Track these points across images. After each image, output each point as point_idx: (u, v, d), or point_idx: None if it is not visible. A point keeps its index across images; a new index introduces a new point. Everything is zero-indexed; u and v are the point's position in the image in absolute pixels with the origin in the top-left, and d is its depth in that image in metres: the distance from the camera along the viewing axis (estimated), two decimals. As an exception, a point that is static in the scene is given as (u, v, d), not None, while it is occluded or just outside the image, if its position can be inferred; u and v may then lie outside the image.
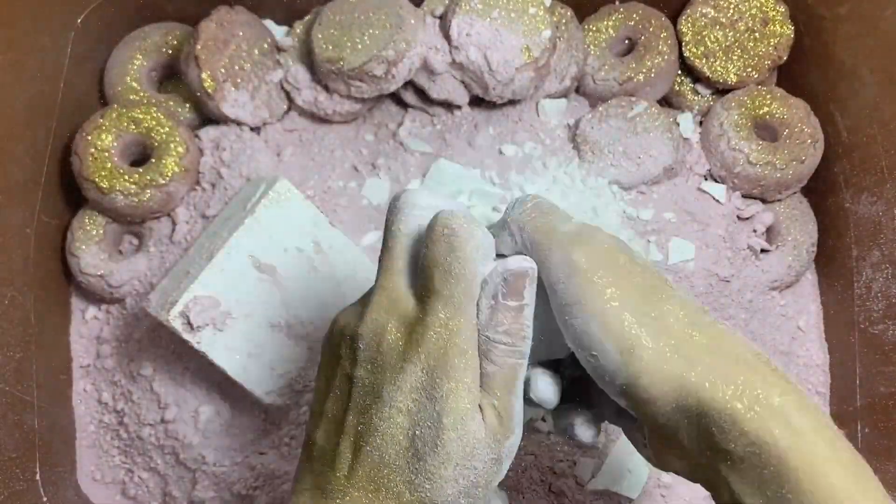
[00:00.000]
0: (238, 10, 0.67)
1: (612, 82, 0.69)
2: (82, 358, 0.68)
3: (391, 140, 0.69)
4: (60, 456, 0.64)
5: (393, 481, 0.38)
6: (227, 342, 0.59)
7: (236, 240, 0.58)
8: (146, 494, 0.66)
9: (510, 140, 0.67)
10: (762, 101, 0.68)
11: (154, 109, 0.65)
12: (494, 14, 0.63)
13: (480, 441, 0.38)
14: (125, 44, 0.70)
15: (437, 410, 0.37)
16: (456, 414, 0.37)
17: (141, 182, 0.64)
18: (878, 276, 0.64)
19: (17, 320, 0.61)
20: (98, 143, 0.64)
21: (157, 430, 0.64)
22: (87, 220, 0.66)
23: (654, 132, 0.66)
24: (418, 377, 0.38)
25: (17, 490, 0.58)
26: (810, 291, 0.71)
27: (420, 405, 0.38)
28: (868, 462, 0.36)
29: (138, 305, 0.66)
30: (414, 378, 0.38)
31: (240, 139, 0.66)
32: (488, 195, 0.65)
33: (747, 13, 0.70)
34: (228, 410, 0.64)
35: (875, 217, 0.65)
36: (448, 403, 0.37)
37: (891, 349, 0.63)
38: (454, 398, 0.37)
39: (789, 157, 0.67)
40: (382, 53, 0.63)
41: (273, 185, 0.60)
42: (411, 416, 0.38)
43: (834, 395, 0.69)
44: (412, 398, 0.38)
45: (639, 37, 0.70)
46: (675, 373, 0.37)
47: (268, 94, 0.68)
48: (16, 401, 0.60)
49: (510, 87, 0.65)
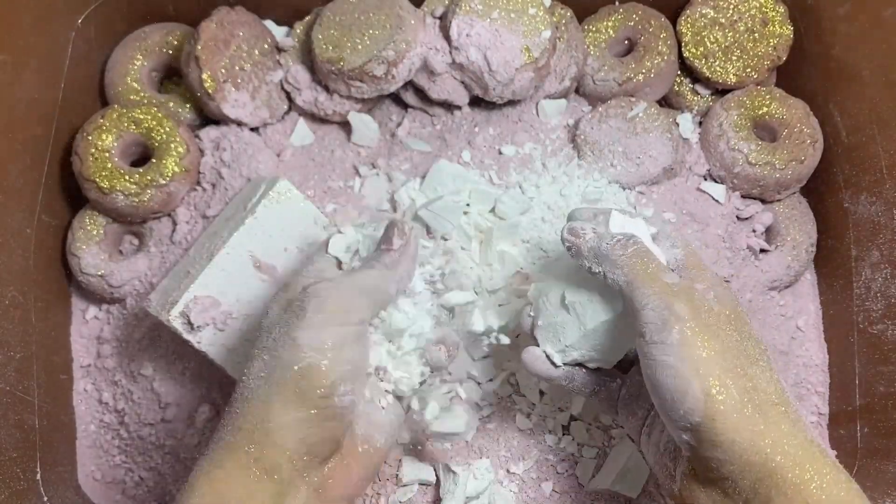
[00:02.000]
0: (238, 10, 0.67)
1: (611, 83, 0.69)
2: (83, 358, 0.68)
3: (391, 140, 0.69)
4: (61, 456, 0.65)
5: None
6: (228, 342, 0.59)
7: (237, 240, 0.58)
8: (146, 494, 0.66)
9: (510, 140, 0.68)
10: (761, 102, 0.68)
11: (154, 109, 0.65)
12: (494, 14, 0.63)
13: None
14: (125, 44, 0.70)
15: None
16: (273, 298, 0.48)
17: (141, 182, 0.64)
18: (877, 276, 0.65)
19: (17, 320, 0.61)
20: (98, 144, 0.64)
21: (158, 430, 0.65)
22: (87, 220, 0.67)
23: (654, 132, 0.66)
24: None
25: (17, 489, 0.58)
26: (809, 291, 0.71)
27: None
28: (867, 462, 0.37)
29: (139, 305, 0.66)
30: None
31: (240, 139, 0.66)
32: (488, 195, 0.65)
33: (747, 13, 0.70)
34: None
35: (874, 217, 0.65)
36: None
37: (890, 349, 0.63)
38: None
39: (788, 157, 0.67)
40: (382, 54, 0.63)
41: (273, 185, 0.60)
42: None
43: (833, 394, 0.69)
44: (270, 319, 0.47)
45: (638, 37, 0.70)
46: (752, 428, 0.40)
47: (268, 95, 0.68)
48: (16, 400, 0.60)
49: (510, 88, 0.65)
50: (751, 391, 0.41)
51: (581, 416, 0.61)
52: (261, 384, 0.43)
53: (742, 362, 0.42)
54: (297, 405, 0.42)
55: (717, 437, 0.40)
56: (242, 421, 0.43)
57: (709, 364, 0.41)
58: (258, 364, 0.43)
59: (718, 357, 0.41)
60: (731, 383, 0.41)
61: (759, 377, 0.42)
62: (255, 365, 0.44)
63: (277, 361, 0.43)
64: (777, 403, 0.41)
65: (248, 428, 0.42)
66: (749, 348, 0.43)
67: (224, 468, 0.42)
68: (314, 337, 0.43)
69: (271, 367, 0.43)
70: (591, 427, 0.61)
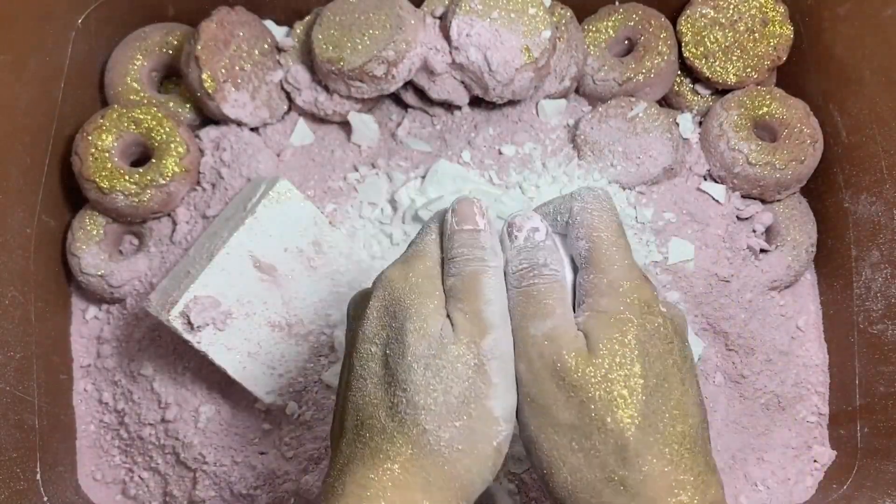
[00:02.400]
0: (238, 10, 0.67)
1: (611, 83, 0.69)
2: (83, 358, 0.68)
3: (391, 140, 0.69)
4: (61, 456, 0.65)
5: (376, 416, 0.38)
6: (228, 342, 0.59)
7: (237, 240, 0.58)
8: (146, 494, 0.66)
9: (510, 140, 0.68)
10: (762, 102, 0.68)
11: (154, 110, 0.65)
12: (494, 14, 0.63)
13: (448, 337, 0.38)
14: (125, 44, 0.70)
15: (400, 322, 0.39)
16: (418, 317, 0.38)
17: (141, 182, 0.64)
18: (878, 276, 0.65)
19: (17, 320, 0.61)
20: (98, 144, 0.64)
21: (158, 430, 0.65)
22: (87, 220, 0.67)
23: (654, 132, 0.66)
24: (382, 302, 0.40)
25: (17, 490, 0.58)
26: (809, 291, 0.71)
27: (386, 326, 0.39)
28: (867, 462, 0.36)
29: (139, 305, 0.66)
30: (378, 304, 0.40)
31: (240, 139, 0.66)
32: (488, 195, 0.65)
33: (747, 13, 0.70)
34: (228, 410, 0.64)
35: (874, 217, 0.65)
36: (410, 312, 0.39)
37: (890, 349, 0.63)
38: (416, 306, 0.39)
39: (789, 157, 0.67)
40: (382, 54, 0.63)
41: (273, 185, 0.60)
42: (380, 341, 0.39)
43: (833, 394, 0.69)
44: (379, 324, 0.40)
45: (638, 37, 0.70)
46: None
47: (268, 95, 0.68)
48: (16, 400, 0.60)
49: (510, 88, 0.65)
50: (590, 453, 0.38)
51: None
52: (459, 457, 0.38)
53: (566, 431, 0.38)
54: (491, 477, 0.40)
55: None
56: (443, 496, 0.38)
57: (544, 435, 0.39)
58: (450, 433, 0.38)
59: (550, 425, 0.39)
60: (570, 452, 0.38)
61: (576, 444, 0.38)
62: (445, 431, 0.38)
63: (476, 434, 0.38)
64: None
65: (447, 486, 0.38)
66: (581, 412, 0.38)
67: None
68: (505, 407, 0.39)
69: (471, 440, 0.38)
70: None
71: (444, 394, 0.38)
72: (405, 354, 0.38)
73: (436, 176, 0.65)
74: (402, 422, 0.38)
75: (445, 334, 0.38)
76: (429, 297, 0.39)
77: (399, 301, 0.39)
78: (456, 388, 0.38)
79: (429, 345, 0.38)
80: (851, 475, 0.64)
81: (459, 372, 0.38)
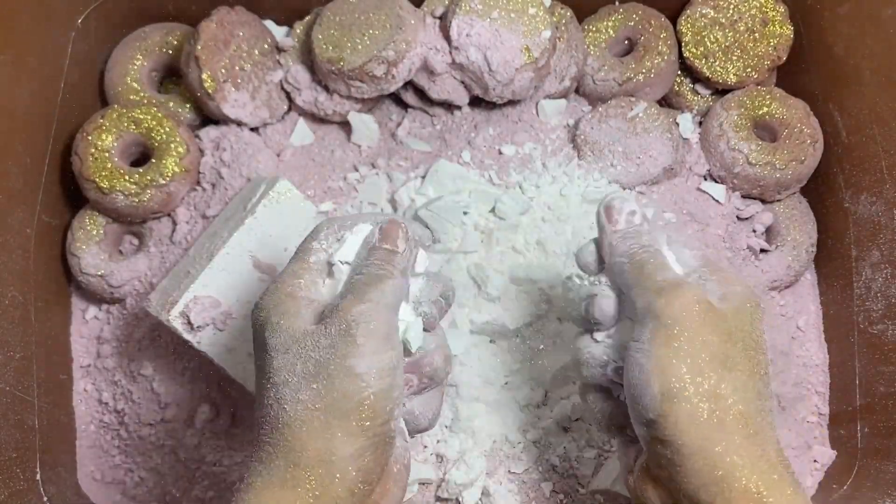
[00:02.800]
0: (238, 10, 0.67)
1: (611, 83, 0.69)
2: (82, 358, 0.68)
3: (391, 140, 0.69)
4: (61, 456, 0.65)
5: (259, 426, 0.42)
6: (228, 342, 0.59)
7: (236, 240, 0.59)
8: (146, 494, 0.66)
9: (510, 140, 0.68)
10: (762, 102, 0.68)
11: (154, 109, 0.65)
12: (494, 14, 0.63)
13: (313, 325, 0.42)
14: (125, 44, 0.70)
15: (263, 337, 0.42)
16: (278, 322, 0.42)
17: (141, 182, 0.64)
18: (878, 276, 0.65)
19: (17, 320, 0.61)
20: (98, 143, 0.64)
21: (157, 430, 0.65)
22: (87, 220, 0.67)
23: (654, 132, 0.66)
24: (253, 332, 0.44)
25: (17, 490, 0.58)
26: (810, 291, 0.71)
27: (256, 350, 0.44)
28: (867, 462, 0.36)
29: (138, 305, 0.66)
30: (254, 334, 0.44)
31: (240, 139, 0.66)
32: (488, 195, 0.65)
33: (747, 13, 0.70)
34: (228, 410, 0.64)
35: (874, 217, 0.65)
36: (271, 323, 0.42)
37: (890, 349, 0.63)
38: (276, 317, 0.42)
39: (789, 157, 0.67)
40: (382, 54, 0.63)
41: (273, 185, 0.60)
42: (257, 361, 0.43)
43: (833, 394, 0.69)
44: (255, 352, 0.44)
45: (638, 37, 0.70)
46: (702, 433, 0.40)
47: (268, 95, 0.68)
48: (16, 400, 0.60)
49: (510, 88, 0.65)
50: (712, 398, 0.40)
51: (582, 416, 0.61)
52: (317, 415, 0.40)
53: (716, 367, 0.41)
54: (359, 436, 0.40)
55: (668, 437, 0.40)
56: (298, 456, 0.40)
57: (674, 364, 0.40)
58: (308, 394, 0.40)
59: (687, 357, 0.40)
60: (692, 387, 0.40)
61: (731, 386, 0.41)
62: (303, 394, 0.40)
63: (335, 392, 0.40)
64: (739, 415, 0.40)
65: (309, 464, 0.40)
66: (735, 355, 0.41)
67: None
68: (371, 365, 0.40)
69: (329, 397, 0.40)
70: (592, 427, 0.61)
71: (303, 363, 0.41)
72: (267, 351, 0.42)
73: (436, 176, 0.65)
74: (269, 407, 0.41)
75: (309, 327, 0.42)
76: (290, 311, 0.43)
77: (262, 325, 0.43)
78: (315, 356, 0.41)
79: (290, 336, 0.41)
80: (852, 475, 0.63)
81: (321, 342, 0.41)
